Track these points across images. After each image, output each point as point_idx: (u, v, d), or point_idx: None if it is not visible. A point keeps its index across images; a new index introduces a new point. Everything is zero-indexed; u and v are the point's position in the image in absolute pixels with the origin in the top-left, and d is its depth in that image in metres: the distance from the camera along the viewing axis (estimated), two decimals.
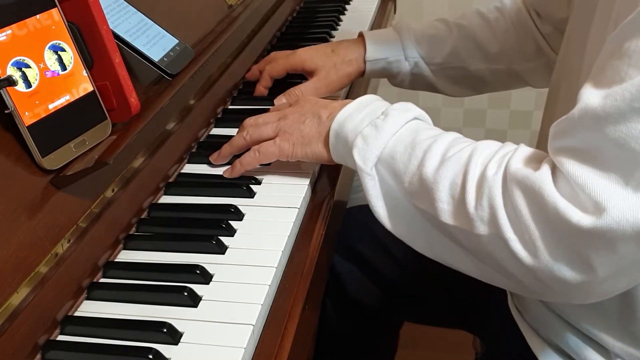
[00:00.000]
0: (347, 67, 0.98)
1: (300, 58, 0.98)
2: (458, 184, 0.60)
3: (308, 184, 0.77)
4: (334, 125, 0.72)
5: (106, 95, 0.67)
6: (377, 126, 0.68)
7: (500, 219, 0.57)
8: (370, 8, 1.36)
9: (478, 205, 0.58)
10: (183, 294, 0.60)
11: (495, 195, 0.57)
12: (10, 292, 0.54)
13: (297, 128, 0.76)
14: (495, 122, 2.00)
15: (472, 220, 0.58)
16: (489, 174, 0.58)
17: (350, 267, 0.95)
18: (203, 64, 0.84)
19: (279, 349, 0.57)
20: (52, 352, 0.57)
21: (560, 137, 0.56)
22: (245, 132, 0.78)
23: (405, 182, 0.65)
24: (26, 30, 0.61)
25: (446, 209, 0.61)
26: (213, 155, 0.81)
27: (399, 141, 0.67)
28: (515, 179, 0.56)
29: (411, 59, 0.99)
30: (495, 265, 0.60)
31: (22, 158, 0.60)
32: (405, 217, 0.67)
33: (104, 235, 0.66)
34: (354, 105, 0.73)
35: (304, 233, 0.72)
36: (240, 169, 0.77)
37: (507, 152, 0.61)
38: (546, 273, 0.56)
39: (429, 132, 0.67)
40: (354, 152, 0.68)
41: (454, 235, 0.62)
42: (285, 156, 0.76)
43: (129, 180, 0.71)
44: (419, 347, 1.55)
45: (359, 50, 0.99)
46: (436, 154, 0.63)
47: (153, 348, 0.55)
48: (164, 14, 0.85)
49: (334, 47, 1.00)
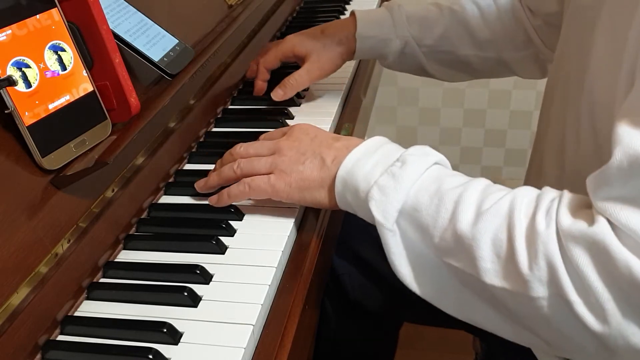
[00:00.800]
0: (337, 46, 0.96)
1: (289, 44, 0.96)
2: (503, 240, 0.55)
3: None
4: (341, 172, 0.65)
5: (106, 95, 0.67)
6: (394, 175, 0.61)
7: (562, 279, 0.52)
8: (370, 7, 1.36)
9: (533, 265, 0.52)
10: (183, 294, 0.60)
11: (552, 252, 0.52)
12: (10, 292, 0.54)
13: (296, 169, 0.69)
14: (495, 122, 2.00)
15: (527, 282, 0.53)
16: (540, 228, 0.53)
17: (350, 268, 0.95)
18: (203, 64, 0.84)
19: (279, 349, 0.57)
20: (52, 352, 0.57)
21: (605, 187, 0.51)
22: (236, 165, 0.72)
23: (435, 238, 0.58)
24: (26, 30, 0.61)
25: (490, 268, 0.55)
26: (199, 182, 0.75)
27: (421, 191, 0.60)
28: (572, 236, 0.51)
29: (402, 38, 0.97)
30: (550, 331, 0.55)
31: (22, 158, 0.60)
32: (431, 275, 0.61)
33: (104, 235, 0.66)
34: (362, 150, 0.66)
35: (304, 233, 0.72)
36: (226, 200, 0.72)
37: (551, 199, 0.56)
38: (617, 339, 0.51)
39: (455, 179, 0.61)
40: (370, 205, 0.61)
41: (496, 297, 0.56)
42: (278, 197, 0.70)
43: (129, 180, 0.71)
44: (419, 347, 1.55)
45: (349, 29, 0.97)
46: (470, 206, 0.57)
47: (153, 348, 0.55)
48: (164, 14, 0.85)
49: (323, 28, 0.98)
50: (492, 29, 0.97)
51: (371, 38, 0.97)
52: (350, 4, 1.41)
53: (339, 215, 0.84)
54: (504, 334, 0.60)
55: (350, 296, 0.95)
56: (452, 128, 2.02)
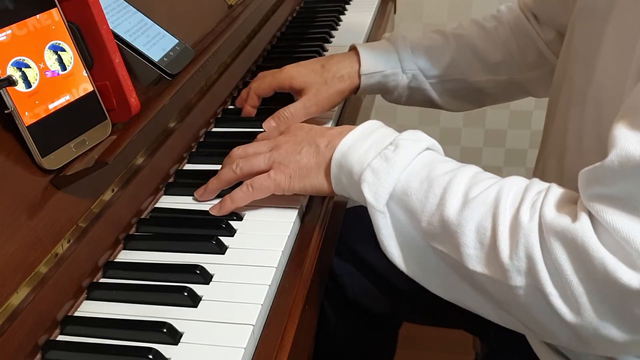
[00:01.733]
0: (339, 83, 0.91)
1: (287, 75, 0.91)
2: (487, 228, 0.56)
3: None
4: (336, 154, 0.67)
5: (106, 95, 0.67)
6: (387, 158, 0.63)
7: (539, 271, 0.53)
8: (370, 8, 1.36)
9: (513, 255, 0.54)
10: (183, 294, 0.60)
11: (532, 245, 0.53)
12: (10, 292, 0.54)
13: (294, 159, 0.70)
14: (495, 122, 2.00)
15: (506, 271, 0.54)
16: (523, 220, 0.54)
17: (350, 268, 0.95)
18: (203, 64, 0.84)
19: (279, 349, 0.57)
20: (52, 352, 0.57)
21: (595, 185, 0.52)
22: (234, 165, 0.72)
23: (423, 222, 0.60)
24: (26, 30, 0.61)
25: (473, 254, 0.57)
26: (198, 190, 0.75)
27: (412, 175, 0.62)
28: (553, 231, 0.53)
29: (409, 72, 0.93)
30: (527, 317, 0.57)
31: (22, 158, 0.60)
32: (419, 256, 0.63)
33: (104, 235, 0.66)
34: (357, 133, 0.68)
35: (304, 233, 0.72)
36: (230, 206, 0.71)
37: (538, 191, 0.57)
38: (590, 331, 0.53)
39: (445, 165, 0.63)
40: (362, 187, 0.63)
41: (478, 282, 0.58)
42: (282, 190, 0.70)
43: (129, 180, 0.71)
44: (418, 347, 1.55)
45: (352, 65, 0.92)
46: (457, 193, 0.59)
47: (153, 348, 0.55)
48: (164, 14, 0.85)
49: (323, 62, 0.93)
50: (502, 51, 0.94)
51: (376, 74, 0.92)
52: (351, 4, 1.41)
53: (339, 215, 0.84)
54: (488, 316, 0.62)
55: (350, 296, 0.95)
56: (452, 128, 2.02)
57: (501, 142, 2.03)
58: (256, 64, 1.10)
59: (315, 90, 0.90)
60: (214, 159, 0.84)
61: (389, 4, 1.46)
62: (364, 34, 1.23)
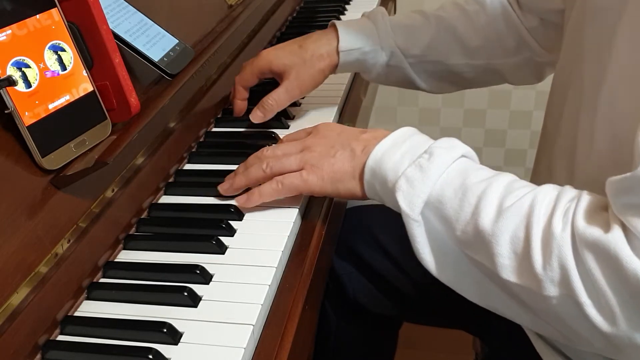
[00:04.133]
0: (319, 61, 0.89)
1: (265, 60, 0.89)
2: (520, 238, 0.56)
3: None
4: (370, 162, 0.66)
5: (106, 95, 0.67)
6: (422, 167, 0.62)
7: (573, 282, 0.53)
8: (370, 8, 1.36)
9: (547, 265, 0.54)
10: (183, 294, 0.60)
11: (565, 255, 0.53)
12: (10, 292, 0.54)
13: (327, 162, 0.69)
14: (495, 122, 2.00)
15: (540, 281, 0.55)
16: (556, 230, 0.54)
17: (350, 268, 0.95)
18: (203, 64, 0.84)
19: (279, 349, 0.57)
20: (52, 352, 0.57)
21: (625, 195, 0.52)
22: (264, 164, 0.72)
23: (457, 230, 0.60)
24: (26, 30, 0.61)
25: (507, 264, 0.57)
26: (223, 185, 0.75)
27: (447, 184, 0.62)
28: (585, 241, 0.53)
29: (388, 49, 0.92)
30: (562, 326, 0.57)
31: (22, 158, 0.60)
32: (453, 264, 0.63)
33: (104, 235, 0.66)
34: (391, 140, 0.67)
35: (304, 233, 0.72)
36: (257, 200, 0.71)
37: (569, 200, 0.57)
38: (624, 340, 0.53)
39: (480, 173, 0.62)
40: (397, 196, 0.62)
41: (512, 291, 0.58)
42: (312, 191, 0.70)
43: (129, 180, 0.71)
44: (418, 347, 1.55)
45: (331, 42, 0.90)
46: (492, 202, 0.58)
47: (153, 348, 0.55)
48: (164, 14, 0.85)
49: (301, 42, 0.91)
50: (482, 35, 0.93)
51: (355, 51, 0.90)
52: (350, 4, 1.41)
53: (339, 215, 0.84)
54: (522, 322, 0.62)
55: (350, 296, 0.95)
56: (452, 128, 2.02)
57: (501, 142, 2.03)
58: None
59: (295, 72, 0.88)
60: (214, 158, 0.84)
61: (389, 4, 1.45)
62: None
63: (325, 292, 0.76)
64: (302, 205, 0.74)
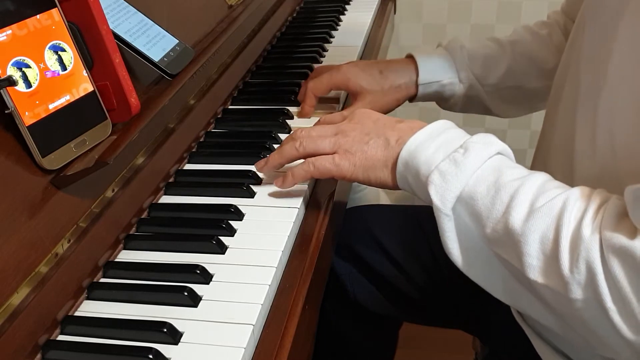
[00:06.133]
0: (396, 92, 0.92)
1: (344, 77, 0.92)
2: (550, 239, 0.56)
3: (308, 185, 0.77)
4: (404, 153, 0.66)
5: (106, 95, 0.67)
6: (456, 162, 0.62)
7: (600, 286, 0.53)
8: (370, 8, 1.36)
9: (574, 268, 0.54)
10: (183, 294, 0.60)
11: (593, 259, 0.53)
12: (11, 292, 0.54)
13: (360, 148, 0.70)
14: (495, 122, 1.99)
15: (566, 283, 0.55)
16: (585, 234, 0.54)
17: (350, 268, 0.95)
18: (203, 64, 0.84)
19: (279, 349, 0.57)
20: (52, 352, 0.57)
21: None
22: (298, 143, 0.72)
23: (488, 228, 0.60)
24: (26, 30, 0.61)
25: (535, 265, 0.57)
26: (259, 163, 0.76)
27: (480, 180, 0.61)
28: (612, 247, 0.53)
29: (466, 81, 0.94)
30: (586, 331, 0.57)
31: (22, 158, 0.60)
32: (482, 261, 0.63)
33: (104, 235, 0.66)
34: (426, 133, 0.67)
35: (304, 233, 0.72)
36: (291, 181, 0.73)
37: (600, 203, 0.57)
38: None
39: (514, 171, 0.62)
40: (430, 189, 0.62)
41: (539, 292, 0.58)
42: (342, 176, 0.71)
43: (129, 180, 0.71)
44: (418, 347, 1.55)
45: (410, 75, 0.93)
46: (524, 202, 0.58)
47: (153, 348, 0.55)
48: (164, 14, 0.86)
49: (382, 67, 0.93)
50: (556, 56, 0.93)
51: (434, 84, 0.93)
52: (351, 4, 1.41)
53: (339, 215, 0.84)
54: (548, 324, 0.62)
55: (350, 296, 0.96)
56: None
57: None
58: (256, 64, 1.10)
59: (371, 98, 0.91)
60: (214, 158, 0.84)
61: (389, 4, 1.46)
62: (364, 34, 1.23)
63: (325, 292, 0.76)
64: (302, 205, 0.74)
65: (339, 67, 0.93)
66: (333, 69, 0.93)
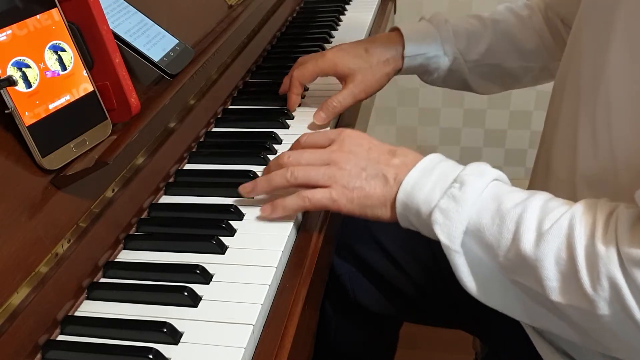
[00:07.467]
0: (384, 67, 0.92)
1: (331, 62, 0.91)
2: (564, 259, 0.56)
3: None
4: (400, 195, 0.66)
5: (106, 95, 0.67)
6: (455, 198, 0.62)
7: (626, 300, 0.53)
8: (370, 8, 1.36)
9: (597, 286, 0.54)
10: (183, 293, 0.60)
11: (614, 274, 0.53)
12: (11, 292, 0.54)
13: (358, 184, 0.68)
14: (495, 122, 2.00)
15: (592, 301, 0.55)
16: (600, 250, 0.54)
17: (350, 268, 0.95)
18: (203, 64, 0.84)
19: (279, 349, 0.57)
20: (52, 352, 0.57)
21: None
22: (289, 174, 0.70)
23: (500, 257, 0.60)
24: (26, 31, 0.61)
25: (556, 287, 0.57)
26: (246, 187, 0.73)
27: (482, 210, 0.61)
28: (633, 260, 0.53)
29: (450, 55, 0.95)
30: (615, 342, 0.57)
31: (22, 158, 0.60)
32: (499, 289, 0.63)
33: (104, 235, 0.66)
34: (419, 170, 0.66)
35: (304, 233, 0.72)
36: (281, 213, 0.70)
37: (608, 214, 0.57)
38: None
39: (513, 196, 0.62)
40: (435, 229, 0.62)
41: (563, 312, 0.58)
42: (338, 211, 0.69)
43: (129, 180, 0.71)
44: (418, 347, 1.55)
45: (396, 47, 0.93)
46: (530, 227, 0.58)
47: (153, 348, 0.55)
48: (164, 14, 0.86)
49: (367, 45, 0.93)
50: (536, 39, 0.96)
51: (419, 56, 0.94)
52: (351, 4, 1.41)
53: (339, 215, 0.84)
54: (572, 339, 0.62)
55: (350, 296, 0.95)
56: (452, 128, 2.02)
57: (501, 142, 2.03)
58: (256, 64, 1.10)
59: (361, 76, 0.90)
60: (214, 158, 0.84)
61: (389, 3, 1.46)
62: (364, 34, 1.23)
63: (325, 292, 0.76)
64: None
65: (324, 53, 0.93)
66: (318, 56, 0.93)
